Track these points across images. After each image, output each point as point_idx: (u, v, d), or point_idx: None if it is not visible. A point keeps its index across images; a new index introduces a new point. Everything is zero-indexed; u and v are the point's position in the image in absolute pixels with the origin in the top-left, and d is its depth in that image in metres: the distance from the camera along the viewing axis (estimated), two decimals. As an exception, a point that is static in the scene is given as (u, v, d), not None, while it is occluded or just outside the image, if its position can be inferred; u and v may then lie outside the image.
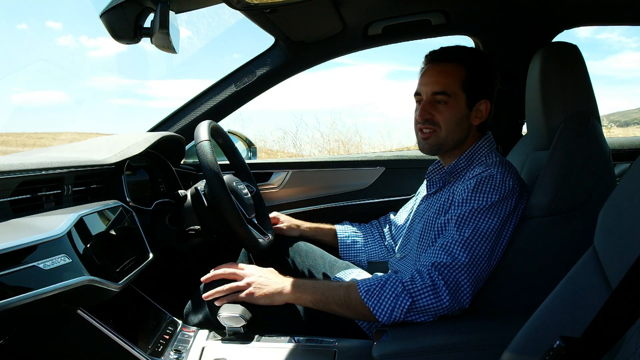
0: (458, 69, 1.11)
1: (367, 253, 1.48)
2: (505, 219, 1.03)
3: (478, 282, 1.00)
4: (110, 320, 0.98)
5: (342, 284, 1.07)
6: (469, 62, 1.12)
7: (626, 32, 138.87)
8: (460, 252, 0.98)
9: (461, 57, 1.12)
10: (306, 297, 1.07)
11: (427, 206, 1.23)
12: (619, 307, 0.51)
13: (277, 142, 6.95)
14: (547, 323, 0.72)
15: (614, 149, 1.62)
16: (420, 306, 0.97)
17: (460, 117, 1.12)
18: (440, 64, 1.14)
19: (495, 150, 1.17)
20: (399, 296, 0.97)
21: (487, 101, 1.13)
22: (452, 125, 1.12)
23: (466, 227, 1.01)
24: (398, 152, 2.33)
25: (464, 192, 1.06)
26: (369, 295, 1.00)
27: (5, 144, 7.40)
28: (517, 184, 1.05)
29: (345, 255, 1.48)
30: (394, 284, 0.99)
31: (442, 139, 1.14)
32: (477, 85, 1.12)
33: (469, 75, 1.11)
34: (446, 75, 1.12)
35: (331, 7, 1.34)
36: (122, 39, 1.16)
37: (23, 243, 0.75)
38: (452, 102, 1.11)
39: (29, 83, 49.34)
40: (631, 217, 0.65)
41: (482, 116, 1.14)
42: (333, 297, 1.04)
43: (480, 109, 1.13)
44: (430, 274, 0.98)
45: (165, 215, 1.31)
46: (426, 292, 0.97)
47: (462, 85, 1.11)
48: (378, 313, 0.98)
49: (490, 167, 1.07)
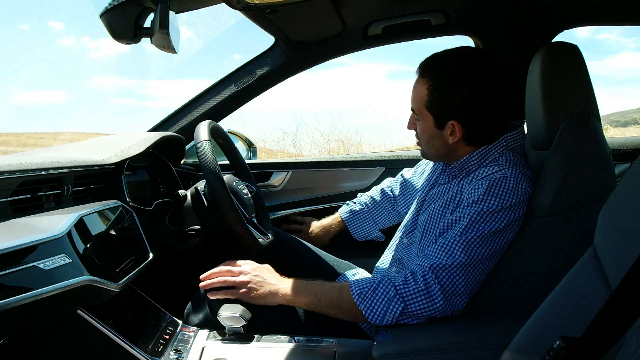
0: (423, 87, 1.05)
1: (375, 222, 1.51)
2: (511, 222, 1.00)
3: (475, 285, 0.98)
4: (110, 320, 0.98)
5: (334, 286, 1.05)
6: (433, 81, 1.04)
7: (625, 33, 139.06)
8: (461, 254, 0.96)
9: (429, 73, 1.05)
10: (300, 299, 1.07)
11: (434, 197, 1.18)
12: (619, 307, 0.51)
13: (277, 142, 6.95)
14: (547, 323, 0.72)
15: (614, 149, 1.62)
16: (413, 310, 0.96)
17: (431, 135, 1.10)
18: (417, 78, 1.09)
19: (516, 148, 1.09)
20: (391, 300, 0.96)
21: (455, 122, 1.04)
22: (425, 141, 1.13)
23: (472, 228, 0.98)
24: (398, 152, 2.32)
25: (475, 192, 1.01)
26: (361, 298, 0.99)
27: (5, 144, 7.40)
28: (530, 187, 1.01)
29: (354, 232, 1.52)
30: (387, 287, 0.98)
31: (424, 152, 1.16)
32: (441, 106, 1.04)
33: (430, 96, 1.04)
34: (415, 93, 1.09)
35: (331, 7, 1.34)
36: (122, 39, 1.16)
37: (23, 243, 0.75)
38: (422, 121, 1.10)
39: (29, 83, 49.44)
40: (631, 217, 0.65)
41: (457, 136, 1.05)
42: (326, 300, 1.03)
43: (453, 129, 1.05)
44: (425, 277, 0.96)
45: (165, 215, 1.31)
46: (419, 296, 0.96)
47: (425, 105, 1.06)
48: (370, 316, 0.97)
49: (504, 167, 1.02)
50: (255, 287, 1.10)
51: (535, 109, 1.08)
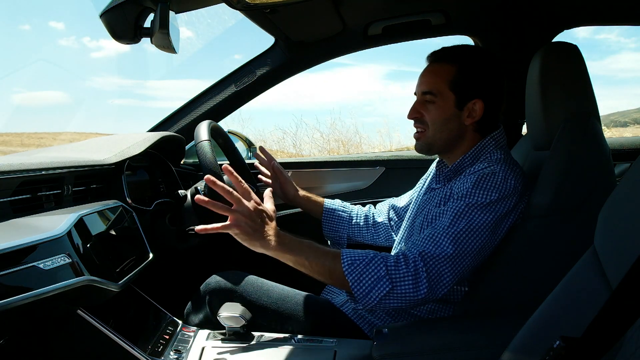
0: (448, 68, 1.11)
1: (350, 230, 1.44)
2: (502, 218, 1.01)
3: (459, 277, 0.99)
4: (110, 320, 0.98)
5: (328, 253, 1.01)
6: (461, 61, 1.11)
7: (625, 33, 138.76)
8: (449, 245, 0.97)
9: (453, 57, 1.12)
10: (288, 256, 0.99)
11: (429, 199, 1.21)
12: (619, 307, 0.51)
13: (277, 142, 6.94)
14: (547, 323, 0.72)
15: (614, 149, 1.62)
16: (398, 292, 0.95)
17: (448, 117, 1.11)
18: (433, 64, 1.14)
19: (503, 146, 1.14)
20: (380, 279, 0.95)
21: (479, 100, 1.10)
22: (438, 125, 1.12)
23: (459, 220, 0.99)
24: (398, 152, 2.33)
25: (464, 186, 1.04)
26: (351, 269, 0.97)
27: (5, 144, 7.39)
28: (519, 183, 1.03)
29: (326, 226, 1.44)
30: (378, 265, 0.96)
31: (430, 139, 1.14)
32: (469, 84, 1.10)
33: (458, 74, 1.10)
34: (434, 75, 1.12)
35: (331, 7, 1.34)
36: (122, 39, 1.16)
37: (23, 243, 0.75)
38: (439, 102, 1.11)
39: (29, 83, 49.33)
40: (631, 217, 0.65)
41: (476, 116, 1.11)
42: (317, 265, 0.99)
43: (474, 108, 1.11)
44: (415, 263, 0.96)
45: (165, 215, 1.31)
46: (407, 280, 0.95)
47: (449, 85, 1.10)
48: (355, 289, 0.96)
49: (493, 163, 1.05)
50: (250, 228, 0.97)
51: (535, 109, 1.08)
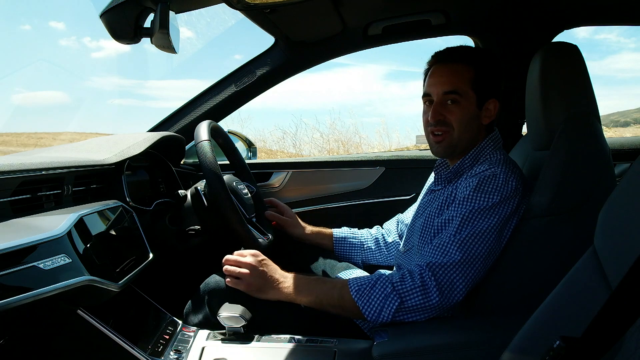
0: (467, 68, 1.12)
1: (363, 255, 1.47)
2: (506, 220, 1.02)
3: (473, 282, 0.99)
4: (110, 320, 0.98)
5: (335, 284, 1.06)
6: (477, 62, 1.13)
7: (625, 33, 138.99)
8: (456, 252, 0.98)
9: (469, 57, 1.13)
10: (300, 298, 1.07)
11: (430, 201, 1.22)
12: (619, 307, 0.51)
13: (277, 142, 6.95)
14: (547, 323, 0.72)
15: (614, 149, 1.62)
16: (409, 306, 0.97)
17: (471, 117, 1.12)
18: (448, 64, 1.14)
19: (501, 148, 1.16)
20: (387, 296, 0.98)
21: (495, 100, 1.14)
22: (463, 125, 1.12)
23: (465, 227, 1.01)
24: (398, 152, 2.33)
25: (466, 189, 1.05)
26: (359, 295, 1.00)
27: (5, 144, 7.38)
28: (520, 184, 1.04)
29: (339, 252, 1.46)
30: (384, 284, 0.99)
31: (455, 140, 1.13)
32: (486, 84, 1.13)
33: (477, 75, 1.12)
34: (456, 75, 1.12)
35: (331, 7, 1.34)
36: (122, 39, 1.16)
37: (23, 243, 0.75)
38: (463, 102, 1.11)
39: (29, 83, 49.27)
40: (631, 217, 0.65)
41: (491, 115, 1.14)
42: (327, 299, 1.04)
43: (489, 108, 1.14)
44: (422, 275, 0.98)
45: (165, 215, 1.31)
46: (415, 292, 0.97)
47: (471, 85, 1.11)
48: (367, 312, 0.99)
49: (494, 165, 1.06)
50: (258, 281, 1.10)
51: (535, 109, 1.08)
